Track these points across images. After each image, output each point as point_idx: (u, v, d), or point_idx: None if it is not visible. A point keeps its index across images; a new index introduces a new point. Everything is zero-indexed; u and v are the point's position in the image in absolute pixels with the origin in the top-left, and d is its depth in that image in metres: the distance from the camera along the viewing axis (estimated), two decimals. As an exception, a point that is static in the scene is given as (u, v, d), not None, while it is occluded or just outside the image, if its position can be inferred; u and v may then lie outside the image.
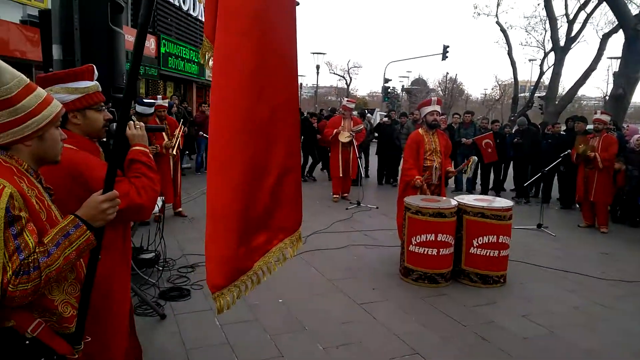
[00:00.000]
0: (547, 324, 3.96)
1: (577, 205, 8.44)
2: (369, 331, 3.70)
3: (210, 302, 4.01)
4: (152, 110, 6.24)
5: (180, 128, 6.96)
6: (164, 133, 6.53)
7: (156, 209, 4.18)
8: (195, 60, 18.76)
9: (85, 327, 1.67)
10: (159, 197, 4.31)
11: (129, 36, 7.27)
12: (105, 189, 1.60)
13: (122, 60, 3.40)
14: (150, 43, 15.21)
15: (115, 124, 2.06)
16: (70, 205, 1.62)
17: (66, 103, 1.90)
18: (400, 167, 11.30)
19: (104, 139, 2.20)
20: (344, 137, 8.67)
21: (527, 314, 4.15)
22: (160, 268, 4.54)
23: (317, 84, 42.02)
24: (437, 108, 5.54)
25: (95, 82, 2.06)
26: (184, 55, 18.04)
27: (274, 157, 2.09)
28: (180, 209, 7.10)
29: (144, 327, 3.51)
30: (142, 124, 2.18)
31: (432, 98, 5.69)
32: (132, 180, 1.98)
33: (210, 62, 2.11)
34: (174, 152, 6.72)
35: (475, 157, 5.71)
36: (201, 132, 10.84)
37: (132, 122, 2.15)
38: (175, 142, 6.70)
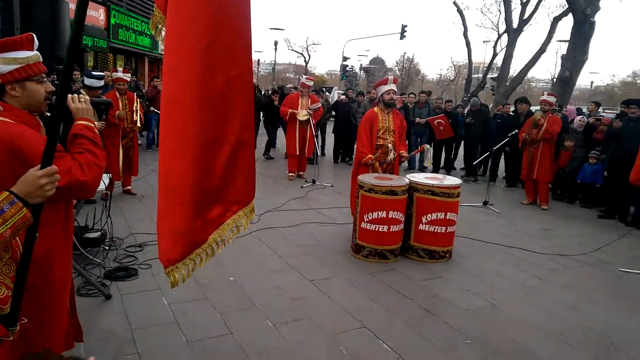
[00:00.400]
0: (488, 296, 4.17)
1: (521, 184, 8.85)
2: (319, 307, 3.77)
3: (158, 280, 3.97)
4: (101, 83, 6.03)
5: (137, 101, 6.79)
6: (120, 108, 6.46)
7: (102, 186, 4.05)
8: (148, 33, 18.01)
9: (23, 308, 1.63)
10: (105, 174, 4.19)
11: (74, 5, 6.89)
12: (43, 163, 1.52)
13: (65, 30, 3.22)
14: (100, 14, 14.46)
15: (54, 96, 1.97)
16: (7, 182, 1.54)
17: (3, 74, 1.80)
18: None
19: (47, 114, 2.10)
20: (302, 115, 8.63)
21: (470, 287, 4.35)
22: (107, 247, 4.42)
23: (275, 61, 41.36)
24: (394, 87, 5.61)
25: (35, 52, 1.94)
26: (135, 28, 17.29)
27: (228, 130, 2.09)
28: (129, 187, 6.91)
29: (88, 308, 3.43)
30: (87, 97, 2.10)
31: (389, 77, 5.73)
32: (75, 156, 1.90)
33: (163, 34, 2.07)
34: (139, 125, 6.68)
35: (429, 146, 5.82)
36: (152, 108, 10.50)
37: (76, 95, 2.06)
38: (137, 116, 6.61)
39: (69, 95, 1.94)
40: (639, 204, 6.76)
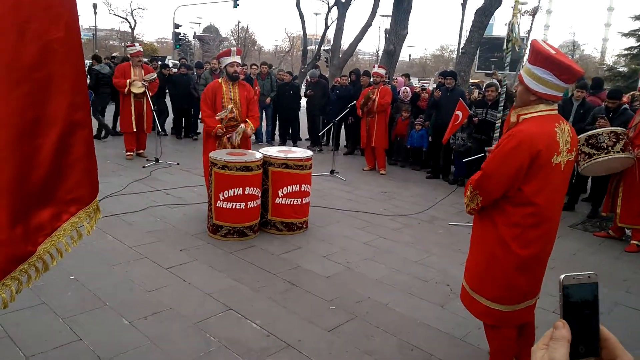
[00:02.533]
0: (344, 261, 4.41)
1: (359, 151, 9.53)
2: (180, 295, 3.55)
3: (-24, 292, 3.28)
4: None
5: None
6: None
7: None
8: None
9: None
10: None
11: None
12: None
13: None
14: None
15: None
16: None
17: None
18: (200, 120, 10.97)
19: None
20: (136, 88, 7.86)
21: (328, 254, 4.54)
22: None
23: (95, 26, 37.05)
24: (237, 59, 5.43)
25: None
26: None
27: (52, 111, 1.70)
28: None
29: None
30: None
31: (232, 49, 5.52)
32: None
33: None
34: None
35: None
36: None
37: None
38: None
39: None
40: (457, 164, 7.79)
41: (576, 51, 41.42)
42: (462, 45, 14.48)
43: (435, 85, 9.93)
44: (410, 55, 54.47)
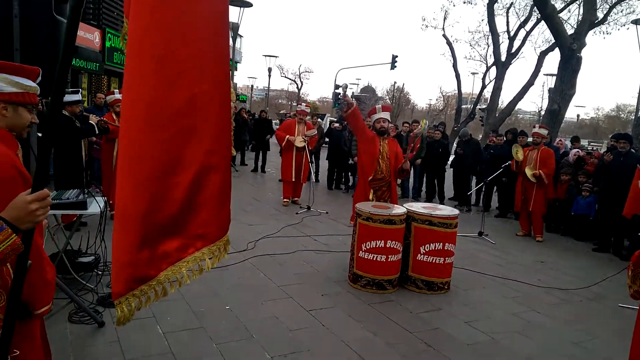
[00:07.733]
0: (489, 330, 4.10)
1: (512, 215, 8.89)
2: (317, 339, 3.67)
3: (152, 308, 3.83)
4: (78, 97, 5.96)
5: None
6: None
7: (97, 209, 3.95)
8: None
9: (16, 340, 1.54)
10: (100, 198, 4.10)
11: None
12: (34, 187, 1.47)
13: (67, 53, 3.21)
14: (95, 36, 14.53)
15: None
16: None
17: (3, 92, 1.77)
18: (350, 173, 11.51)
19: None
20: (299, 142, 8.65)
21: (470, 320, 4.27)
22: (100, 272, 4.29)
23: (268, 87, 41.79)
24: (385, 115, 5.69)
25: (36, 85, 1.91)
26: (130, 50, 17.33)
27: (190, 154, 1.90)
28: None
29: (80, 335, 3.31)
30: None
31: (378, 106, 5.83)
32: None
33: None
34: None
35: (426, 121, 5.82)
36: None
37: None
38: None
39: None
40: (633, 237, 6.78)
41: None
42: (643, 104, 12.86)
43: (606, 149, 8.95)
44: (578, 116, 49.96)
